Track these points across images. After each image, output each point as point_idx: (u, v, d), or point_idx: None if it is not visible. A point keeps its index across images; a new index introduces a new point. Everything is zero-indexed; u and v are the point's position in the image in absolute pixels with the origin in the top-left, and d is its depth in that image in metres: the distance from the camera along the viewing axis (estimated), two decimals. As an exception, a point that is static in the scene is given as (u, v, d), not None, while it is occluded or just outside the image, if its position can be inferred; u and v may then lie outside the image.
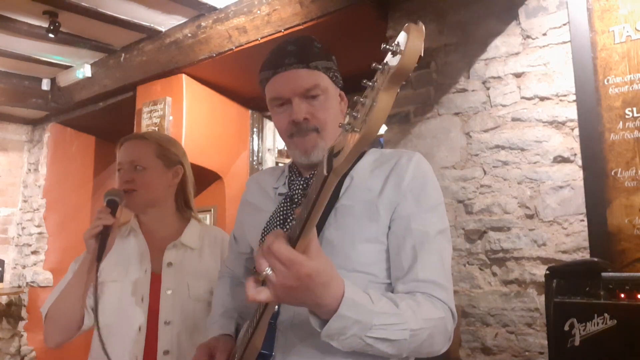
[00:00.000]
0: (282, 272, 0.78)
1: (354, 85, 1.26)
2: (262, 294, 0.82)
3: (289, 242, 0.79)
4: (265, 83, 1.17)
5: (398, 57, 0.59)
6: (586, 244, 2.00)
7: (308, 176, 1.15)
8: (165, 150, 1.69)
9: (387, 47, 0.62)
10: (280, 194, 1.19)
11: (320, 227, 1.04)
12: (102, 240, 1.44)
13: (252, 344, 1.00)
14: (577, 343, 1.53)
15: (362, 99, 0.65)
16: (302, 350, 1.01)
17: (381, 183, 1.07)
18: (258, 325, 0.97)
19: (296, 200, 1.13)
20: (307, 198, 0.76)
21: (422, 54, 0.60)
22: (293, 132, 1.12)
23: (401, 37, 0.61)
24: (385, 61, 0.63)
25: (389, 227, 1.05)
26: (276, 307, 1.04)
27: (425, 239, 1.02)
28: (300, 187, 1.14)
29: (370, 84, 0.64)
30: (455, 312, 1.02)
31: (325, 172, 0.70)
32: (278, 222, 1.11)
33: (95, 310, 1.49)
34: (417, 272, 1.00)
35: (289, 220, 1.10)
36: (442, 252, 1.05)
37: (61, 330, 1.51)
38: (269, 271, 0.79)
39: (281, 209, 1.14)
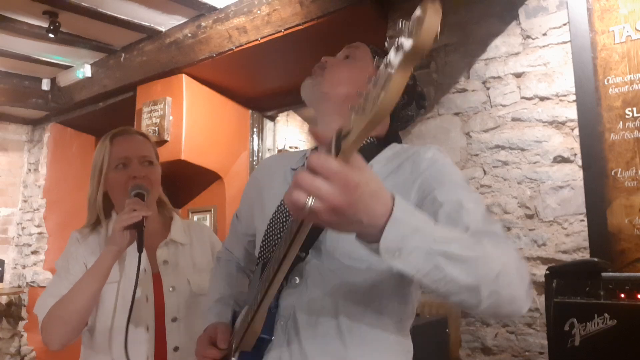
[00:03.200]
0: (329, 191, 0.66)
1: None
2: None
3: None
4: None
5: (411, 37, 0.57)
6: (586, 244, 2.00)
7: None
8: (156, 149, 1.69)
9: (401, 27, 0.59)
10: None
11: None
12: (139, 231, 1.41)
13: (252, 327, 0.99)
14: (577, 343, 1.53)
15: (372, 80, 0.63)
16: (303, 334, 1.00)
17: (396, 171, 1.03)
18: (259, 308, 0.95)
19: None
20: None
21: (438, 35, 0.58)
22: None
23: (416, 16, 0.58)
24: (398, 41, 0.60)
25: None
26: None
27: (457, 205, 0.92)
28: None
29: (383, 65, 0.61)
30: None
31: (333, 154, 0.66)
32: (287, 210, 1.09)
33: (114, 310, 1.48)
34: (469, 228, 0.88)
35: None
36: (483, 209, 0.94)
37: (71, 329, 1.44)
38: (311, 201, 0.66)
39: None
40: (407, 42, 0.58)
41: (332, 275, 1.00)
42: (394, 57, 0.60)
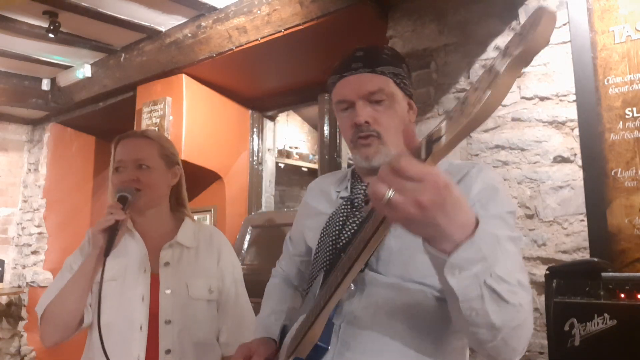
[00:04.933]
0: (414, 188, 0.65)
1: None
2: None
3: None
4: (332, 87, 1.18)
5: (525, 39, 0.57)
6: (586, 244, 2.00)
7: (370, 182, 1.15)
8: (166, 150, 1.69)
9: (514, 29, 0.61)
10: (342, 198, 1.20)
11: None
12: (110, 236, 1.44)
13: (311, 332, 0.99)
14: (577, 343, 1.53)
15: (475, 84, 0.62)
16: (357, 347, 1.00)
17: None
18: (320, 314, 0.95)
19: (356, 204, 1.13)
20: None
21: (549, 41, 0.58)
22: (355, 136, 1.11)
23: (530, 20, 0.59)
24: (507, 45, 0.60)
25: None
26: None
27: (494, 241, 0.93)
28: (362, 192, 1.15)
29: (487, 68, 0.61)
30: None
31: (423, 157, 0.66)
32: (338, 224, 1.11)
33: (98, 308, 1.48)
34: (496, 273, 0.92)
35: (349, 222, 1.10)
36: (518, 257, 0.96)
37: (61, 329, 1.49)
38: (391, 193, 0.66)
39: (341, 211, 1.14)
40: (517, 46, 0.58)
41: (384, 290, 1.02)
42: (499, 61, 0.59)
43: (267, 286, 1.42)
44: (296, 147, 5.74)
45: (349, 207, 1.14)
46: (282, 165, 5.24)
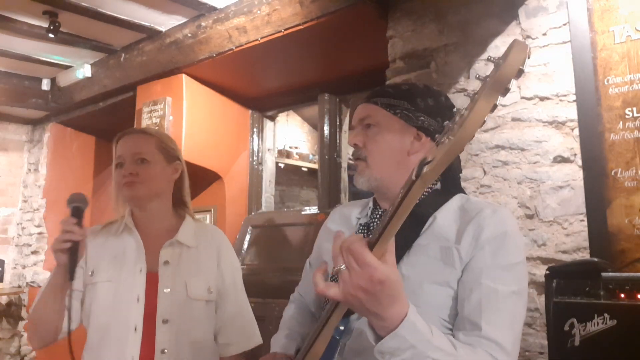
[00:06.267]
0: (356, 272, 0.79)
1: (354, 84, 1.28)
2: (332, 290, 0.84)
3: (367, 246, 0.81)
4: None
5: (498, 68, 0.65)
6: (586, 244, 2.00)
7: (388, 208, 1.18)
8: (166, 144, 1.69)
9: (491, 59, 0.68)
10: (360, 224, 1.25)
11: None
12: (71, 258, 1.39)
13: (313, 350, 1.01)
14: (577, 343, 1.53)
15: (461, 111, 0.69)
16: None
17: (461, 231, 1.07)
18: (322, 332, 0.98)
19: (371, 228, 1.19)
20: (391, 206, 0.79)
21: (524, 69, 0.65)
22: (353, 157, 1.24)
23: (505, 52, 0.66)
24: (486, 74, 0.68)
25: (461, 275, 1.05)
26: (342, 327, 1.07)
27: (493, 296, 1.00)
28: (377, 217, 1.20)
29: (472, 96, 0.68)
30: None
31: (413, 177, 0.73)
32: None
33: (87, 312, 1.50)
34: (481, 328, 0.97)
35: None
36: (513, 314, 1.01)
37: (39, 336, 1.51)
38: (343, 267, 0.82)
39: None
40: (492, 75, 0.66)
41: None
42: (478, 89, 0.67)
43: (284, 311, 1.44)
44: (296, 147, 5.74)
45: (365, 231, 1.20)
46: (282, 165, 5.24)
